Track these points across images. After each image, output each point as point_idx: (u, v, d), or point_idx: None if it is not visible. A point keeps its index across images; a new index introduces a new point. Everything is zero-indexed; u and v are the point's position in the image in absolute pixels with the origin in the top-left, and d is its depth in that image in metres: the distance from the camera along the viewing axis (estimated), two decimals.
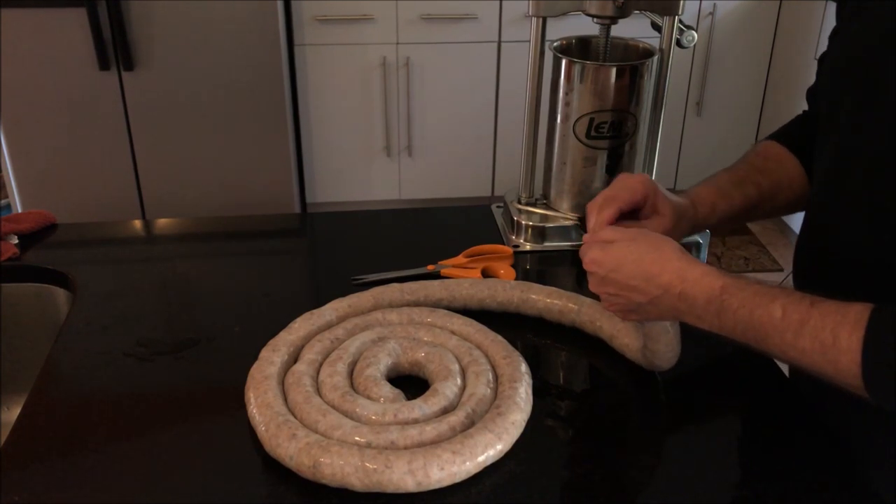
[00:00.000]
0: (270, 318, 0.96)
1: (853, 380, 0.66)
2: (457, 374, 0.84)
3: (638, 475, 0.79)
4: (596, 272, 0.81)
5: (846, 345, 0.65)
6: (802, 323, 0.68)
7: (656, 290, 0.77)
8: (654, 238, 0.80)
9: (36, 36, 2.37)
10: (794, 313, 0.69)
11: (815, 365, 0.68)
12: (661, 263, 0.77)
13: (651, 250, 0.78)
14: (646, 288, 0.78)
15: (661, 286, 0.77)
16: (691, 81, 2.96)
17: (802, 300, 0.70)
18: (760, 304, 0.71)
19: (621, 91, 1.12)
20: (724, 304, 0.73)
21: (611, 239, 0.81)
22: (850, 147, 0.80)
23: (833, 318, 0.67)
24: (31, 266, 1.12)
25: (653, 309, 0.79)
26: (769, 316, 0.70)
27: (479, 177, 3.01)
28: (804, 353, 0.68)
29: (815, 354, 0.68)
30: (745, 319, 0.72)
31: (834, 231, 0.83)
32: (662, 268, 0.77)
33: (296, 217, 2.29)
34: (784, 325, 0.69)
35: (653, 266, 0.77)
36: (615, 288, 0.80)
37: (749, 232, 3.10)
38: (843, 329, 0.66)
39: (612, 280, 0.80)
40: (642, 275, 0.77)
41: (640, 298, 0.78)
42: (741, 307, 0.72)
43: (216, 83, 2.52)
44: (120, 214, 2.62)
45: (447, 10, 2.71)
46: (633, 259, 0.78)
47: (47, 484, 0.76)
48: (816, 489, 0.76)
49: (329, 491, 0.74)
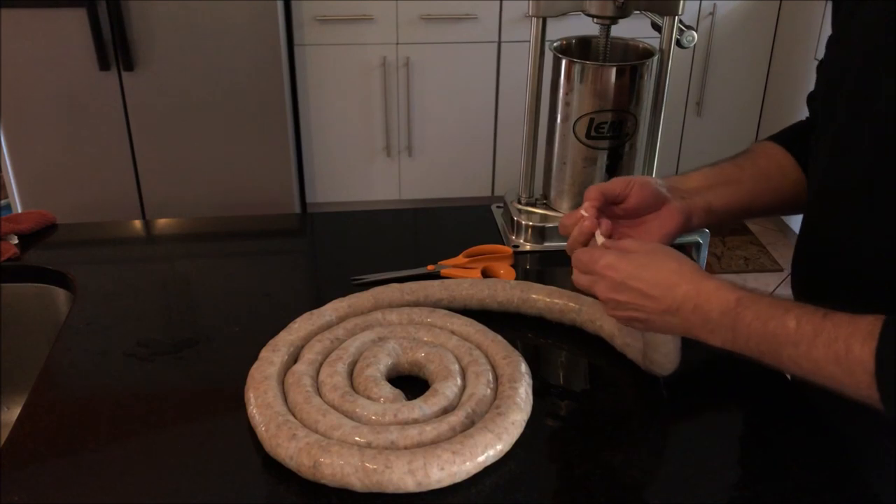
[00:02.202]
0: (270, 318, 0.96)
1: (867, 390, 0.66)
2: (457, 374, 0.84)
3: (638, 475, 0.79)
4: (612, 277, 0.80)
5: (859, 356, 0.65)
6: (816, 334, 0.68)
7: (671, 302, 0.76)
8: (673, 252, 0.81)
9: (36, 36, 2.37)
10: (807, 324, 0.69)
11: (830, 376, 0.68)
12: (679, 274, 0.77)
13: (670, 261, 0.79)
14: (662, 298, 0.77)
15: (677, 298, 0.76)
16: (691, 81, 2.96)
17: (816, 312, 0.69)
18: (774, 315, 0.71)
19: (621, 91, 1.12)
20: (739, 315, 0.73)
21: (630, 248, 0.81)
22: (843, 152, 0.80)
23: (845, 329, 0.67)
24: (31, 266, 1.12)
25: (661, 321, 0.79)
26: (783, 327, 0.70)
27: (479, 177, 3.01)
28: (818, 364, 0.68)
29: (829, 365, 0.67)
30: (758, 331, 0.72)
31: (830, 236, 0.83)
32: (680, 279, 0.77)
33: (296, 217, 2.29)
34: (798, 336, 0.69)
35: (671, 276, 0.77)
36: (629, 295, 0.79)
37: (749, 232, 3.10)
38: (855, 340, 0.66)
39: (628, 287, 0.79)
40: (661, 284, 0.77)
41: (653, 308, 0.78)
42: (755, 319, 0.72)
43: (216, 83, 2.52)
44: (120, 214, 2.63)
45: (447, 10, 2.71)
46: (653, 267, 0.78)
47: (47, 484, 0.76)
48: (816, 489, 0.76)
49: (329, 491, 0.74)
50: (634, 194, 0.89)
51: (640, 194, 0.89)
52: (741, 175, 0.95)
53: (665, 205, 0.90)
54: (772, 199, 0.96)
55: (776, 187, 0.95)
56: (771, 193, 0.96)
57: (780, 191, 0.96)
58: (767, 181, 0.95)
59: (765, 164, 0.96)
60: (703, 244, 1.18)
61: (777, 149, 0.97)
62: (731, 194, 0.94)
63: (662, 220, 0.90)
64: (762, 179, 0.95)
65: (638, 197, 0.89)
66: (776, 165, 0.96)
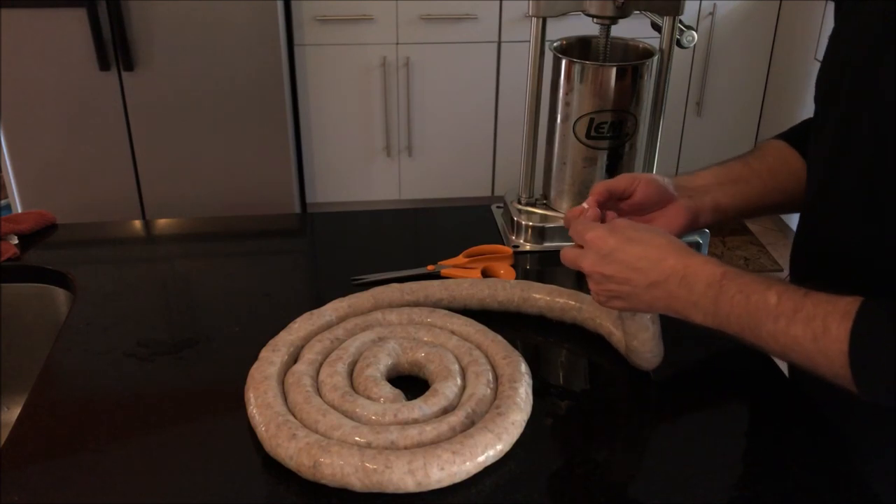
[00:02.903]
0: (270, 318, 0.96)
1: (841, 369, 0.66)
2: (457, 374, 0.84)
3: (638, 475, 0.79)
4: (600, 248, 0.80)
5: (835, 334, 0.66)
6: (796, 311, 0.69)
7: (658, 274, 0.77)
8: (661, 230, 0.82)
9: (36, 36, 2.37)
10: (788, 301, 0.70)
11: (806, 354, 0.69)
12: (667, 249, 0.78)
13: (658, 237, 0.79)
14: (649, 270, 0.77)
15: (665, 271, 0.77)
16: (691, 81, 2.96)
17: (797, 290, 0.71)
18: (757, 290, 0.72)
19: (621, 91, 1.12)
20: (723, 288, 0.74)
21: (620, 224, 0.81)
22: (841, 149, 0.80)
23: (824, 307, 0.68)
24: (31, 266, 1.12)
25: (645, 296, 0.79)
26: (765, 302, 0.71)
27: (479, 177, 3.02)
28: (796, 340, 0.69)
29: (806, 342, 0.68)
30: (741, 305, 0.72)
31: (827, 232, 0.83)
32: (668, 253, 0.78)
33: (296, 217, 2.30)
34: (778, 311, 0.70)
35: (659, 250, 0.78)
36: (615, 268, 0.79)
37: (749, 232, 3.10)
38: (833, 319, 0.67)
39: (615, 259, 0.79)
40: (649, 257, 0.78)
41: (639, 282, 0.78)
42: (738, 292, 0.73)
43: (216, 83, 2.52)
44: (120, 214, 2.63)
45: (447, 10, 2.71)
46: (642, 242, 0.79)
47: (47, 484, 0.76)
48: (816, 489, 0.76)
49: (329, 491, 0.74)
50: (640, 190, 0.90)
51: (646, 190, 0.90)
52: (750, 173, 0.95)
53: (671, 202, 0.91)
54: (780, 198, 0.97)
55: (784, 186, 0.96)
56: (779, 192, 0.96)
57: (788, 189, 0.96)
58: (775, 179, 0.96)
59: (773, 162, 0.97)
60: (703, 244, 1.18)
61: (785, 147, 0.97)
62: (740, 193, 0.94)
63: (669, 218, 0.90)
64: (770, 178, 0.96)
65: (644, 193, 0.90)
66: (784, 163, 0.96)
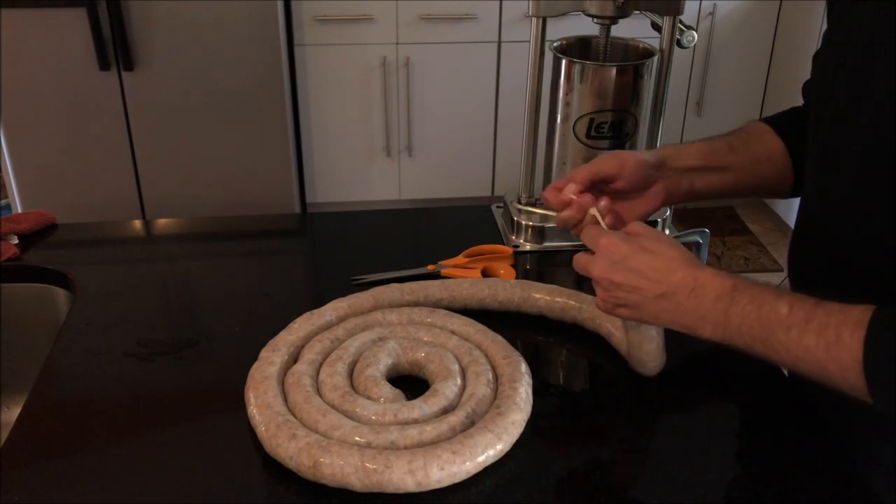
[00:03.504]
0: (270, 318, 0.96)
1: (855, 379, 0.66)
2: (457, 374, 0.84)
3: (637, 475, 0.79)
4: (611, 255, 0.80)
5: (848, 343, 0.66)
6: (808, 320, 0.69)
7: (667, 286, 0.77)
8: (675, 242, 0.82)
9: (36, 36, 2.37)
10: (799, 311, 0.70)
11: (818, 364, 0.68)
12: (677, 261, 0.78)
13: (671, 249, 0.79)
14: (659, 281, 0.77)
15: (674, 282, 0.77)
16: (691, 81, 2.96)
17: (808, 299, 0.70)
18: (767, 300, 0.72)
19: (621, 91, 1.12)
20: (734, 300, 0.73)
21: (635, 232, 0.82)
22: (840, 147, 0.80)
23: (836, 317, 0.67)
24: (31, 266, 1.12)
25: (652, 307, 0.79)
26: (776, 312, 0.71)
27: (479, 177, 3.01)
28: (808, 350, 0.68)
29: (819, 352, 0.68)
30: (752, 316, 0.72)
31: (823, 231, 0.84)
32: (678, 265, 0.78)
33: (296, 217, 2.30)
34: (790, 321, 0.69)
35: (670, 262, 0.78)
36: (625, 276, 0.79)
37: (749, 232, 3.10)
38: (845, 328, 0.66)
39: (626, 266, 0.79)
40: (660, 268, 0.78)
41: (648, 291, 0.78)
42: (749, 303, 0.72)
43: (216, 83, 2.52)
44: (120, 214, 2.62)
45: (447, 10, 2.71)
46: (654, 252, 0.79)
47: (47, 484, 0.76)
48: (816, 489, 0.76)
49: (329, 491, 0.74)
50: (627, 177, 0.90)
51: (633, 178, 0.91)
52: (731, 162, 0.96)
53: (652, 185, 0.92)
54: (755, 186, 0.99)
55: (762, 174, 0.97)
56: (756, 179, 0.97)
57: (765, 178, 0.97)
58: (755, 168, 0.97)
59: (756, 150, 0.97)
60: (703, 244, 1.18)
61: (771, 135, 0.98)
62: (716, 180, 0.96)
63: (647, 200, 0.93)
64: (750, 166, 0.97)
65: (630, 180, 0.91)
66: (767, 153, 0.97)
